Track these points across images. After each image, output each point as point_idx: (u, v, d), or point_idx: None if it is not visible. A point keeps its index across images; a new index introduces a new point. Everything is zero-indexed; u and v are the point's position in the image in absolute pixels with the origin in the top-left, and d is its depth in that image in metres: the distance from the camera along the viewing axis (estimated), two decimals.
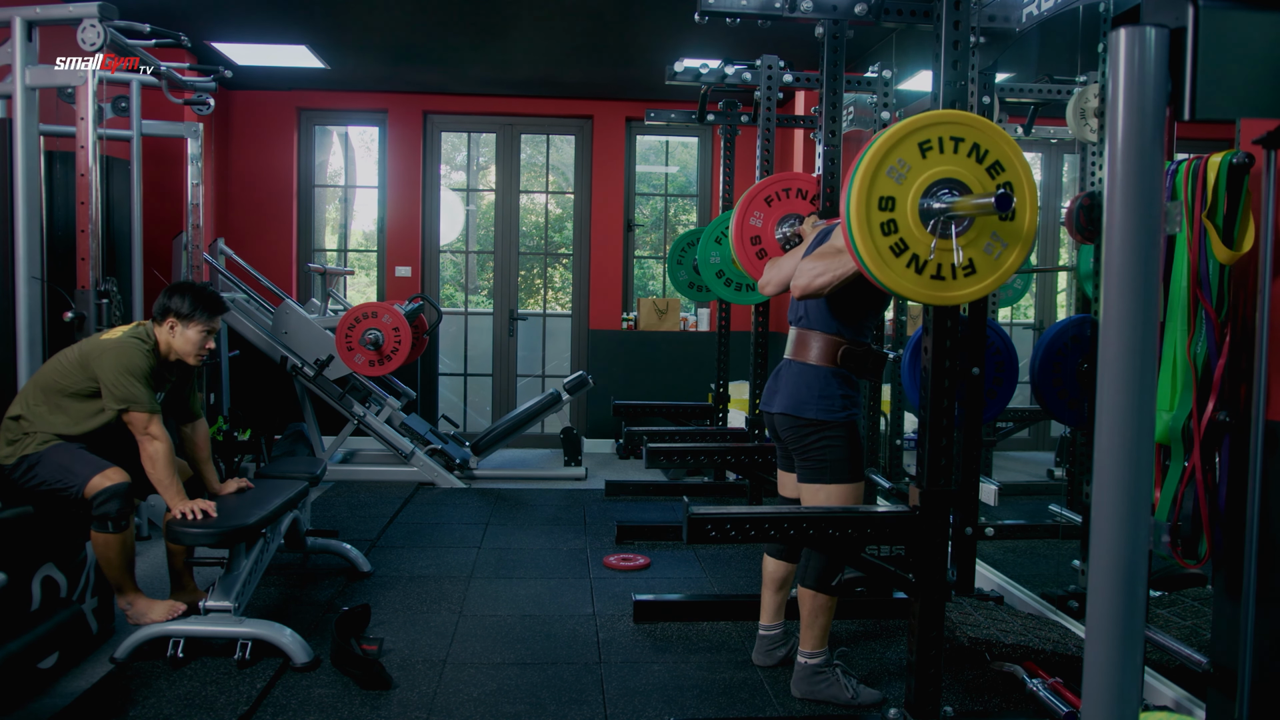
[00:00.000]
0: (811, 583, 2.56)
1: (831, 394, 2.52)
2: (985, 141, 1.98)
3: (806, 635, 2.59)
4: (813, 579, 2.56)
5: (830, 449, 2.52)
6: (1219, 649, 2.01)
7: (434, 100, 6.62)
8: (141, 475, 2.87)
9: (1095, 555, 1.20)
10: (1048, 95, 3.75)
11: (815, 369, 2.54)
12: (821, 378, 2.53)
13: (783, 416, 2.59)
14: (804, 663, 2.58)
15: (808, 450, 2.55)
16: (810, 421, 2.52)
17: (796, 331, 2.62)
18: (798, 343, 2.61)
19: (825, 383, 2.52)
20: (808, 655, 2.58)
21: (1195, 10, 1.23)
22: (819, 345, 2.54)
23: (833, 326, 2.53)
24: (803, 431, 2.54)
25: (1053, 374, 3.19)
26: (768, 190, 3.52)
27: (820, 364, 2.53)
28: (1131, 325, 1.17)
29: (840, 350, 2.52)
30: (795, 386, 2.57)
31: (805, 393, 2.54)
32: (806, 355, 2.56)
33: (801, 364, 2.57)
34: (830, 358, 2.53)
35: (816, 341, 2.55)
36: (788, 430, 2.59)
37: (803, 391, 2.54)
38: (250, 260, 5.93)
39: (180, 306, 2.92)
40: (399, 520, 4.53)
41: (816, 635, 2.57)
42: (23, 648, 2.37)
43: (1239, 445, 1.93)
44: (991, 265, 2.01)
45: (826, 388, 2.52)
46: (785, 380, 2.61)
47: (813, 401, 2.52)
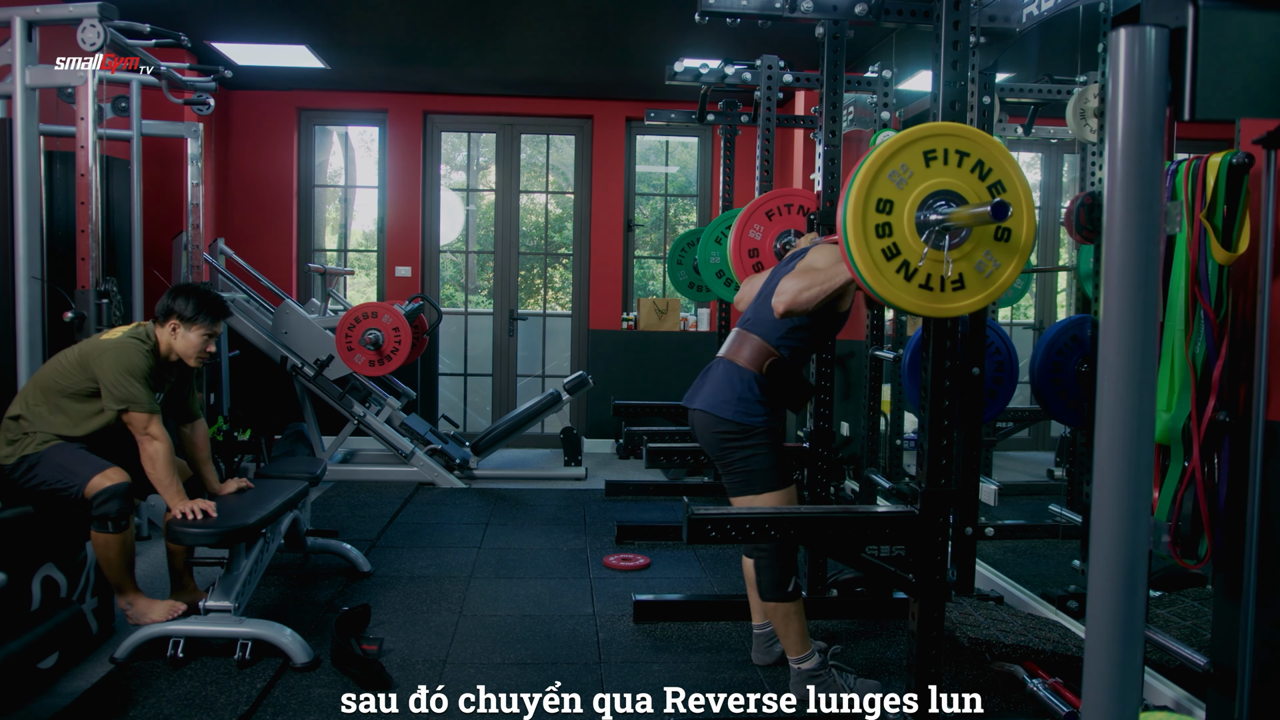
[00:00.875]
0: (769, 595, 2.52)
1: (751, 398, 2.45)
2: (990, 159, 1.98)
3: (787, 643, 2.57)
4: (769, 591, 2.51)
5: (753, 458, 2.45)
6: (1219, 649, 2.01)
7: (434, 100, 6.62)
8: (141, 475, 2.87)
9: (1095, 555, 1.20)
10: (1048, 95, 3.75)
11: (741, 370, 2.47)
12: (745, 380, 2.46)
13: (701, 414, 2.51)
14: (797, 669, 2.58)
15: (731, 462, 2.48)
16: (727, 423, 2.45)
17: (736, 331, 2.58)
18: (734, 342, 2.55)
19: (748, 386, 2.45)
20: (797, 661, 2.57)
21: (1195, 10, 1.23)
22: (751, 348, 2.48)
23: (774, 337, 2.48)
24: (721, 437, 2.47)
25: (1053, 374, 3.19)
26: (769, 204, 3.52)
27: (748, 367, 2.47)
28: (1131, 325, 1.17)
29: (769, 361, 2.46)
30: (718, 384, 2.50)
31: (727, 392, 2.46)
32: (737, 356, 2.50)
33: (730, 363, 2.51)
34: (758, 364, 2.46)
35: (750, 345, 2.49)
36: (706, 432, 2.50)
37: (724, 391, 2.47)
38: (250, 260, 5.93)
39: (183, 309, 2.92)
40: (399, 520, 4.53)
41: (796, 640, 2.55)
42: (23, 648, 2.37)
43: (1239, 445, 1.92)
44: (981, 283, 2.02)
45: (748, 391, 2.45)
46: (711, 377, 2.55)
47: (732, 403, 2.44)
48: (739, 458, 2.47)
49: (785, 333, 2.48)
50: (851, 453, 4.76)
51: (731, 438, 2.46)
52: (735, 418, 2.45)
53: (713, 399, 2.49)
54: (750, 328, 2.53)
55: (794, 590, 2.52)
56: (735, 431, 2.45)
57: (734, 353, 2.53)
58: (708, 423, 2.50)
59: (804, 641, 2.56)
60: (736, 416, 2.45)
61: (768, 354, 2.47)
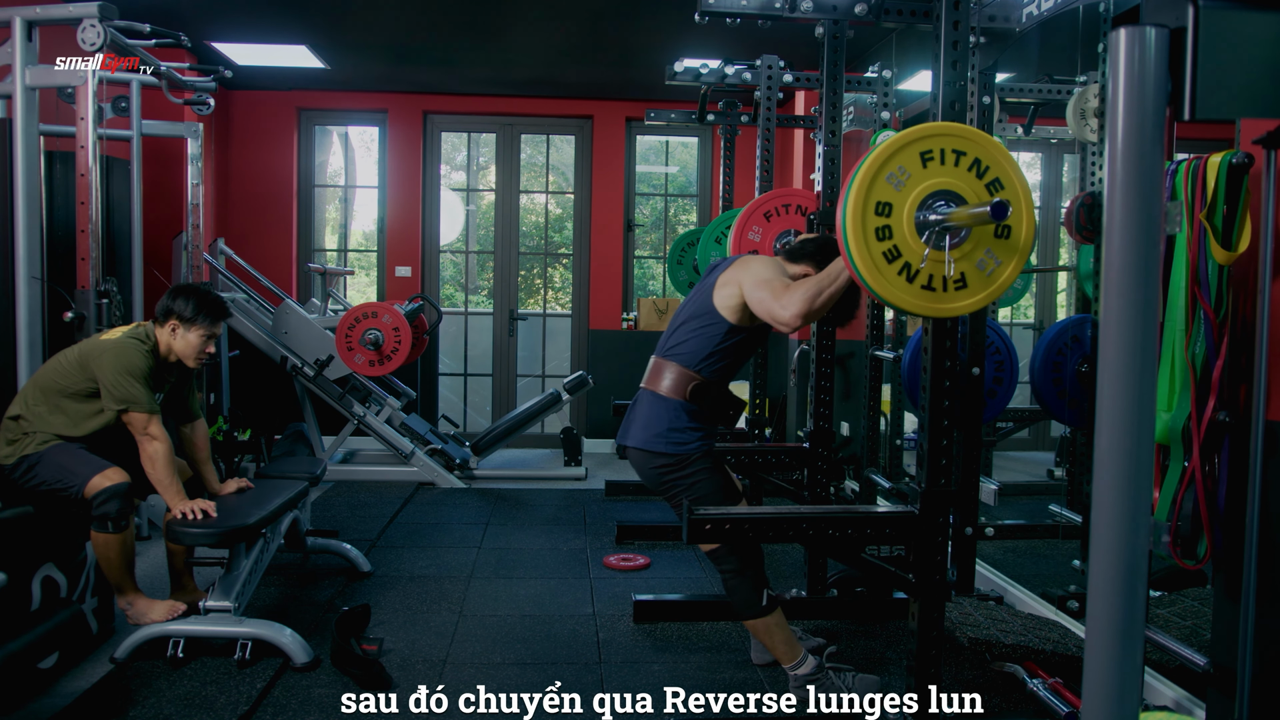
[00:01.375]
0: (745, 614, 2.50)
1: (681, 425, 2.45)
2: (986, 157, 1.98)
3: (776, 655, 2.56)
4: (744, 611, 2.50)
5: (695, 485, 2.45)
6: (1219, 649, 2.01)
7: (434, 100, 6.62)
8: (141, 475, 2.87)
9: (1095, 555, 1.20)
10: (1048, 95, 3.75)
11: (665, 400, 2.47)
12: (672, 409, 2.46)
13: (635, 451, 2.50)
14: (793, 675, 2.56)
15: (674, 494, 2.47)
16: (662, 456, 2.45)
17: (654, 360, 2.56)
18: (653, 371, 2.54)
19: (675, 415, 2.46)
20: (791, 668, 2.56)
21: (1195, 10, 1.23)
22: (672, 376, 2.48)
23: (694, 362, 2.47)
24: (659, 471, 2.47)
25: (1053, 374, 3.19)
26: (767, 205, 3.53)
27: (672, 396, 2.47)
28: (1131, 325, 1.17)
29: (691, 386, 2.46)
30: (646, 418, 2.49)
31: (656, 425, 2.46)
32: (658, 385, 2.50)
33: (652, 394, 2.51)
34: (681, 391, 2.46)
35: (670, 372, 2.48)
36: (644, 468, 2.50)
37: (653, 424, 2.46)
38: (250, 260, 5.93)
39: (183, 310, 2.92)
40: (399, 520, 4.53)
41: (784, 649, 2.53)
42: (23, 648, 2.37)
43: (1239, 445, 1.92)
44: (983, 281, 2.02)
45: (676, 420, 2.45)
46: (638, 411, 2.53)
47: (663, 435, 2.44)
48: (680, 488, 2.47)
49: (705, 357, 2.48)
50: (851, 453, 4.76)
51: (669, 470, 2.47)
52: (668, 449, 2.45)
53: (643, 434, 2.49)
54: (668, 355, 2.53)
55: (768, 604, 2.49)
56: (671, 463, 2.46)
57: (654, 383, 2.52)
58: (643, 459, 2.50)
59: (792, 648, 2.54)
60: (669, 448, 2.45)
61: (689, 379, 2.47)
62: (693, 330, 2.50)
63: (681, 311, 2.59)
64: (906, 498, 2.31)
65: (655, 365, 2.55)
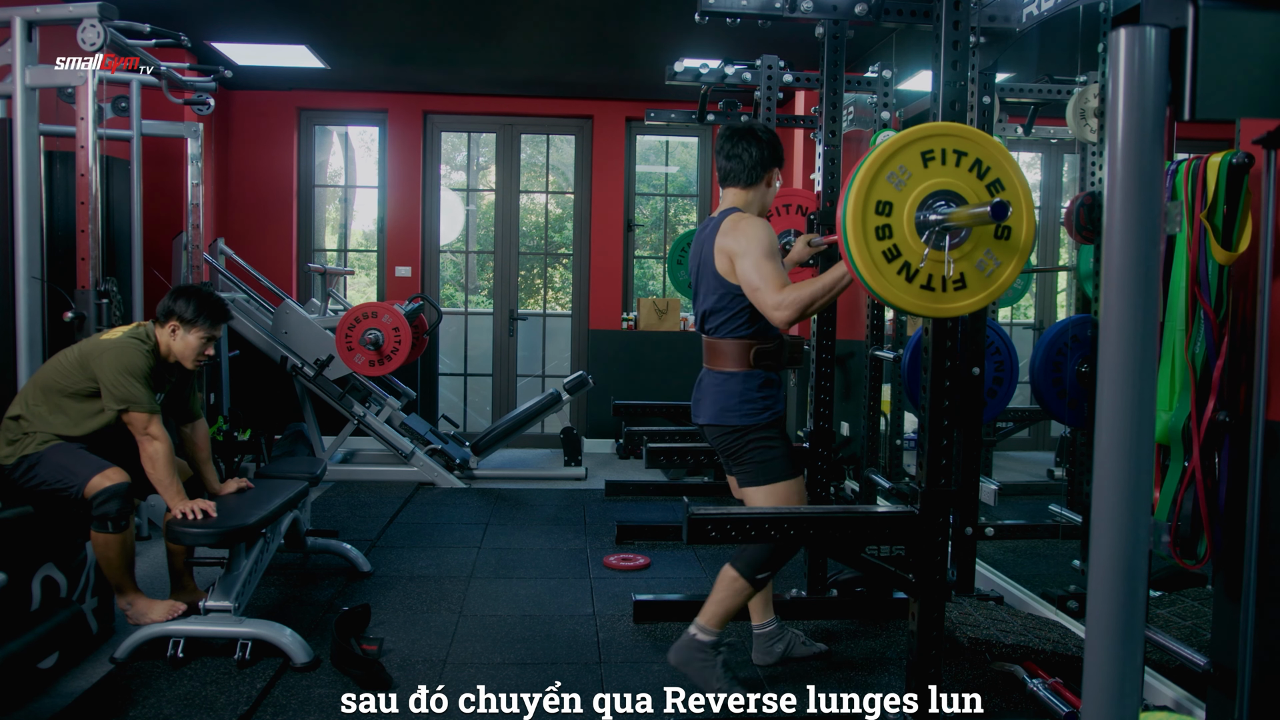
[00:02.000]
0: (741, 567, 2.53)
1: (752, 398, 2.54)
2: (987, 158, 1.98)
3: (710, 609, 2.56)
4: (744, 564, 2.53)
5: (761, 450, 2.54)
6: (1219, 649, 2.01)
7: (434, 100, 6.62)
8: (141, 475, 2.87)
9: (1095, 555, 1.20)
10: (1048, 95, 3.75)
11: (733, 375, 2.56)
12: (740, 383, 2.55)
13: (711, 427, 2.61)
14: (694, 634, 2.57)
15: (740, 456, 2.57)
16: (736, 428, 2.55)
17: (708, 340, 2.64)
18: (711, 352, 2.62)
19: (745, 388, 2.54)
20: (700, 629, 2.57)
21: (1195, 10, 1.23)
22: (732, 351, 2.56)
23: (742, 332, 2.54)
24: (731, 438, 2.57)
25: (1053, 374, 3.19)
26: None
27: (737, 369, 2.55)
28: (1131, 325, 1.17)
29: (753, 352, 2.54)
30: (716, 395, 2.58)
31: (727, 400, 2.55)
32: (724, 363, 2.58)
33: (718, 372, 2.59)
34: (745, 361, 2.54)
35: (729, 348, 2.56)
36: (717, 439, 2.61)
37: (724, 399, 2.56)
38: (250, 260, 5.93)
39: (184, 311, 2.92)
40: (399, 520, 4.53)
41: (719, 615, 2.55)
42: (23, 648, 2.37)
43: (1239, 445, 1.92)
44: (983, 282, 2.02)
45: (747, 393, 2.54)
46: (707, 390, 2.63)
47: (735, 408, 2.54)
48: (748, 450, 2.56)
49: (745, 321, 2.54)
50: (851, 453, 4.76)
51: (739, 435, 2.56)
52: (742, 421, 2.54)
53: (716, 409, 2.58)
54: (715, 334, 2.60)
55: (760, 581, 2.54)
56: (741, 430, 2.55)
57: (717, 362, 2.61)
58: (717, 432, 2.61)
59: (723, 621, 2.57)
60: (743, 420, 2.54)
61: (748, 348, 2.54)
62: (719, 302, 2.55)
63: (700, 284, 2.63)
64: (906, 498, 2.31)
65: (708, 346, 2.64)
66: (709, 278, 2.55)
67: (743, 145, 2.57)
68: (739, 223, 2.49)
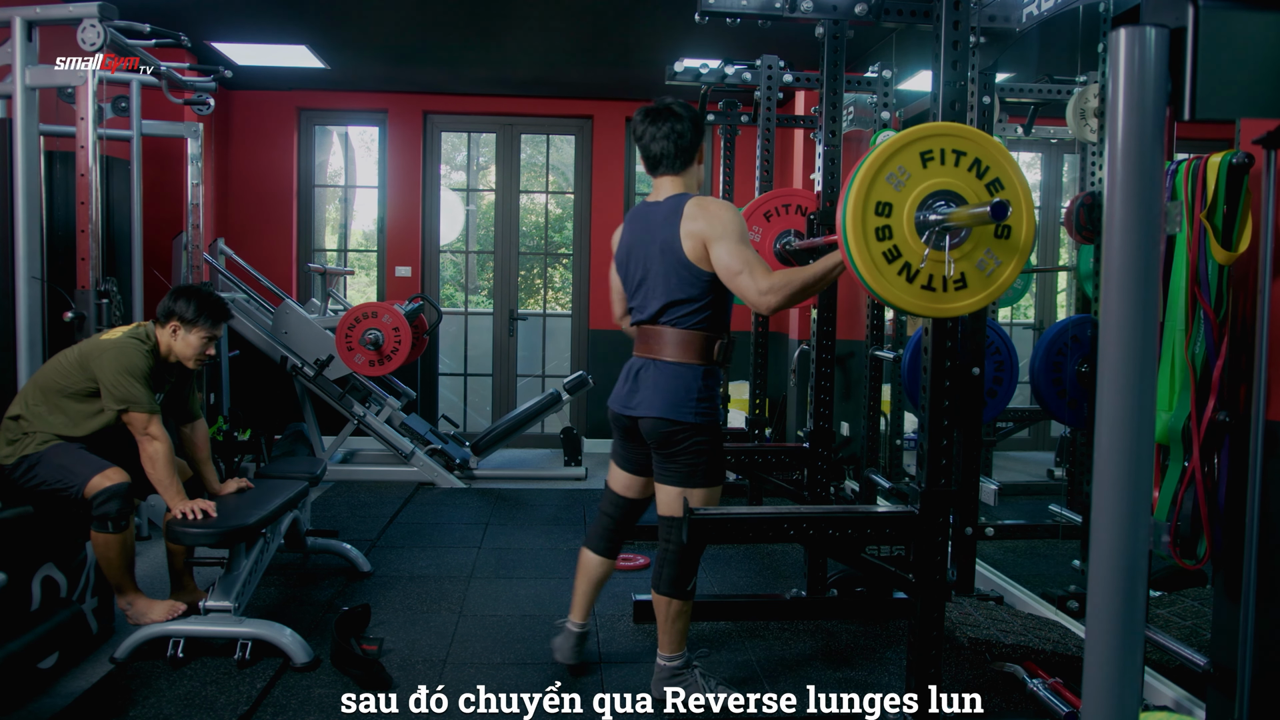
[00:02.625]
0: (666, 589, 2.46)
1: (706, 396, 2.40)
2: (986, 157, 1.98)
3: (665, 639, 2.50)
4: (668, 586, 2.46)
5: (700, 454, 2.40)
6: (1219, 649, 2.01)
7: (434, 100, 6.62)
8: (141, 475, 2.87)
9: (1095, 555, 1.20)
10: (1048, 95, 3.75)
11: (687, 367, 2.39)
12: (697, 378, 2.39)
13: (654, 419, 2.40)
14: (663, 664, 2.52)
15: (676, 454, 2.40)
16: (686, 425, 2.38)
17: (654, 329, 2.44)
18: (658, 341, 2.43)
19: (701, 384, 2.40)
20: (666, 658, 2.51)
21: (1195, 10, 1.23)
22: (689, 343, 2.39)
23: (704, 324, 2.39)
24: (675, 434, 2.39)
25: (1053, 374, 3.20)
26: (767, 205, 3.52)
27: (693, 362, 2.39)
28: (1131, 325, 1.17)
29: (715, 346, 2.41)
30: (666, 388, 2.39)
31: (678, 394, 2.38)
32: (676, 355, 2.40)
33: (669, 363, 2.40)
34: (702, 355, 2.40)
35: (686, 339, 2.39)
36: (658, 431, 2.41)
37: (676, 393, 2.38)
38: (250, 260, 5.93)
39: (185, 311, 2.92)
40: (399, 520, 4.53)
41: (674, 639, 2.49)
42: (23, 648, 2.37)
43: (1239, 445, 1.93)
44: (983, 281, 2.02)
45: (702, 390, 2.40)
46: (649, 382, 2.43)
47: (689, 405, 2.37)
48: (688, 451, 2.40)
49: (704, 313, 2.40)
50: (851, 453, 4.76)
51: (683, 434, 2.40)
52: (695, 419, 2.39)
53: (664, 402, 2.40)
54: (664, 322, 2.42)
55: (691, 590, 2.48)
56: (689, 428, 2.39)
57: (658, 351, 2.44)
58: (659, 426, 2.41)
59: (681, 642, 2.51)
60: (696, 419, 2.39)
61: (709, 340, 2.41)
62: (688, 290, 2.38)
63: (650, 273, 2.43)
64: (906, 498, 2.31)
65: (654, 334, 2.44)
66: (673, 266, 2.36)
67: (669, 125, 2.45)
68: (707, 205, 2.36)
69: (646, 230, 2.46)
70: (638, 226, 2.51)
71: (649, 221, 2.47)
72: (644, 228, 2.48)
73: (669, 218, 2.40)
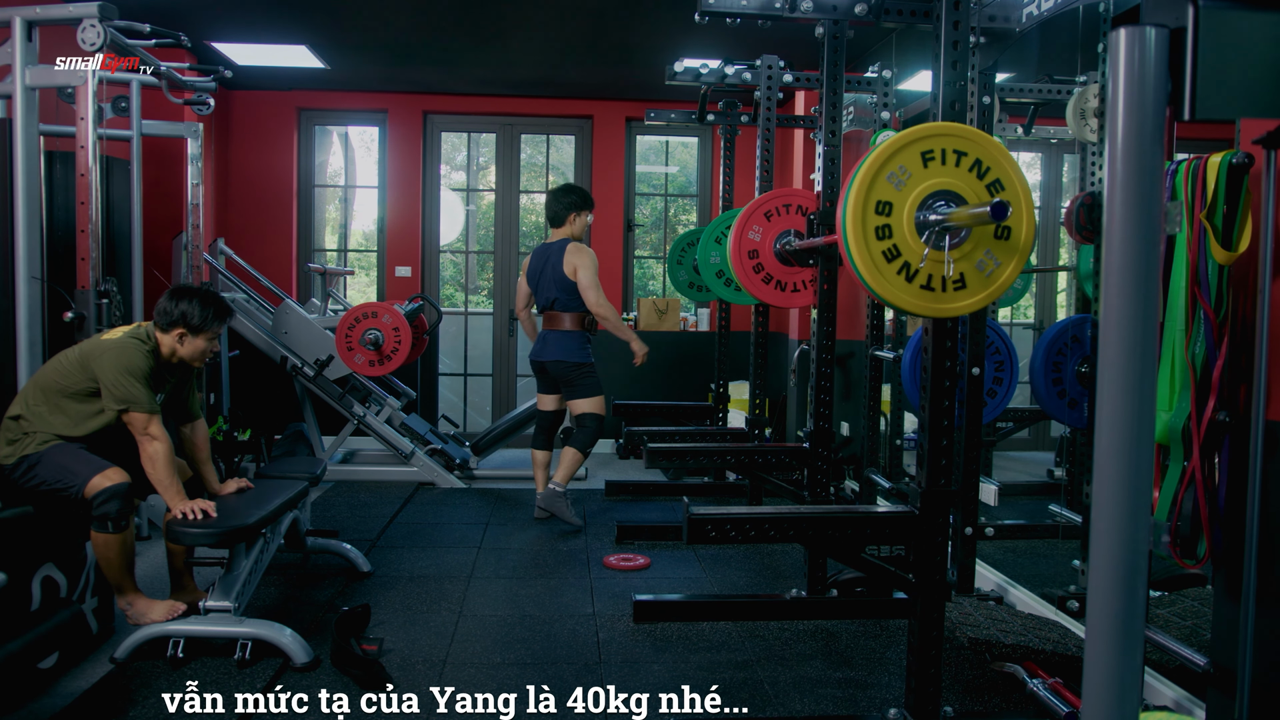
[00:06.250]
0: (578, 446, 4.41)
1: (584, 347, 4.41)
2: (987, 158, 1.98)
3: (561, 472, 4.40)
4: (579, 444, 4.41)
5: (588, 378, 4.41)
6: (1219, 649, 2.01)
7: (434, 100, 6.62)
8: (141, 475, 2.87)
9: (1095, 555, 1.20)
10: (1048, 95, 3.75)
11: (571, 333, 4.38)
12: (578, 339, 4.39)
13: (555, 363, 4.39)
14: (553, 488, 4.37)
15: (574, 381, 4.40)
16: (576, 364, 4.38)
17: (552, 314, 4.38)
18: (555, 320, 4.38)
19: (580, 341, 4.40)
20: (557, 484, 4.38)
21: (1195, 10, 1.23)
22: (570, 320, 4.36)
23: (577, 309, 4.35)
24: (569, 370, 4.38)
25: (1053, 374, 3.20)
26: (768, 205, 3.52)
27: (574, 329, 4.37)
28: (1131, 325, 1.17)
29: (585, 320, 4.38)
30: (561, 344, 4.37)
31: (569, 346, 4.37)
32: (565, 325, 4.37)
33: (562, 331, 4.38)
34: (579, 325, 4.38)
35: (569, 318, 4.36)
36: (560, 370, 4.40)
37: (568, 346, 4.37)
38: (250, 260, 5.93)
39: (192, 318, 2.92)
40: (399, 520, 4.53)
41: (566, 474, 4.40)
42: (23, 648, 2.37)
43: (1239, 445, 1.93)
44: (983, 282, 2.02)
45: (582, 344, 4.40)
46: (552, 342, 4.39)
47: (576, 352, 4.38)
48: (580, 378, 4.40)
49: (579, 304, 4.35)
50: (851, 453, 4.76)
51: (574, 369, 4.39)
52: (580, 360, 4.40)
53: (562, 352, 4.38)
54: (560, 309, 4.37)
55: (589, 452, 4.45)
56: (578, 366, 4.38)
57: (558, 325, 4.39)
58: (561, 366, 4.39)
59: (569, 478, 4.42)
60: (581, 359, 4.40)
61: (581, 317, 4.37)
62: (562, 290, 4.33)
63: (541, 278, 4.40)
64: (906, 498, 2.31)
65: (552, 316, 4.39)
66: (558, 277, 4.31)
67: (555, 199, 4.46)
68: (581, 250, 4.35)
69: (544, 257, 4.42)
70: (540, 257, 4.44)
71: (547, 251, 4.42)
72: (544, 258, 4.41)
73: (558, 252, 4.36)
